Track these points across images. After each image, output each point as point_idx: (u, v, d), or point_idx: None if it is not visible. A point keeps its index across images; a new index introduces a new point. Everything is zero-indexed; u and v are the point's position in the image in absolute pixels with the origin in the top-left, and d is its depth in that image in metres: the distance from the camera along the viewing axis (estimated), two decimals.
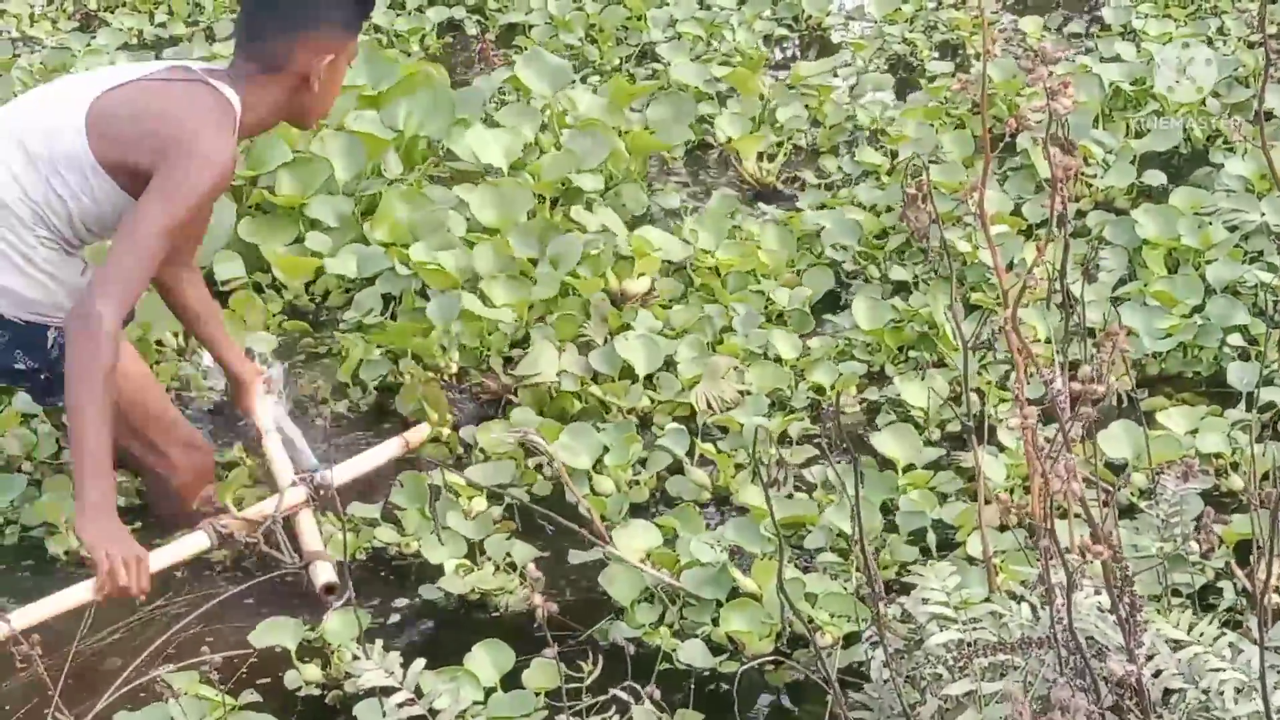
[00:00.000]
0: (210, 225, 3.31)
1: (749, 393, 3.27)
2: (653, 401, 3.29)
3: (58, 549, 2.92)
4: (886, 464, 3.03)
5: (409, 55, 5.63)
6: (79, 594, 2.60)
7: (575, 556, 2.77)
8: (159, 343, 3.60)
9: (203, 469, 3.11)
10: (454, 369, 3.41)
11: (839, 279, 3.87)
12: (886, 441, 3.05)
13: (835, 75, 5.33)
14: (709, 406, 3.25)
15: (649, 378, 3.33)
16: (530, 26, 5.84)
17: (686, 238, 3.89)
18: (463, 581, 2.77)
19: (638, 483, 3.04)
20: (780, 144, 4.71)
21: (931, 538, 2.76)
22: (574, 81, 4.81)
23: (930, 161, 4.25)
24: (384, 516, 2.96)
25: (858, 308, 3.56)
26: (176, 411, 3.08)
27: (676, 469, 3.10)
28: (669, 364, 3.36)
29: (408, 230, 3.70)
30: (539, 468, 3.11)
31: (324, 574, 2.76)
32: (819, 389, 3.36)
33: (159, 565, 2.70)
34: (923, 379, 3.32)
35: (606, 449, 3.04)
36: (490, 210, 3.84)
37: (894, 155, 4.49)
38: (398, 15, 6.03)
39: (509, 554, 2.85)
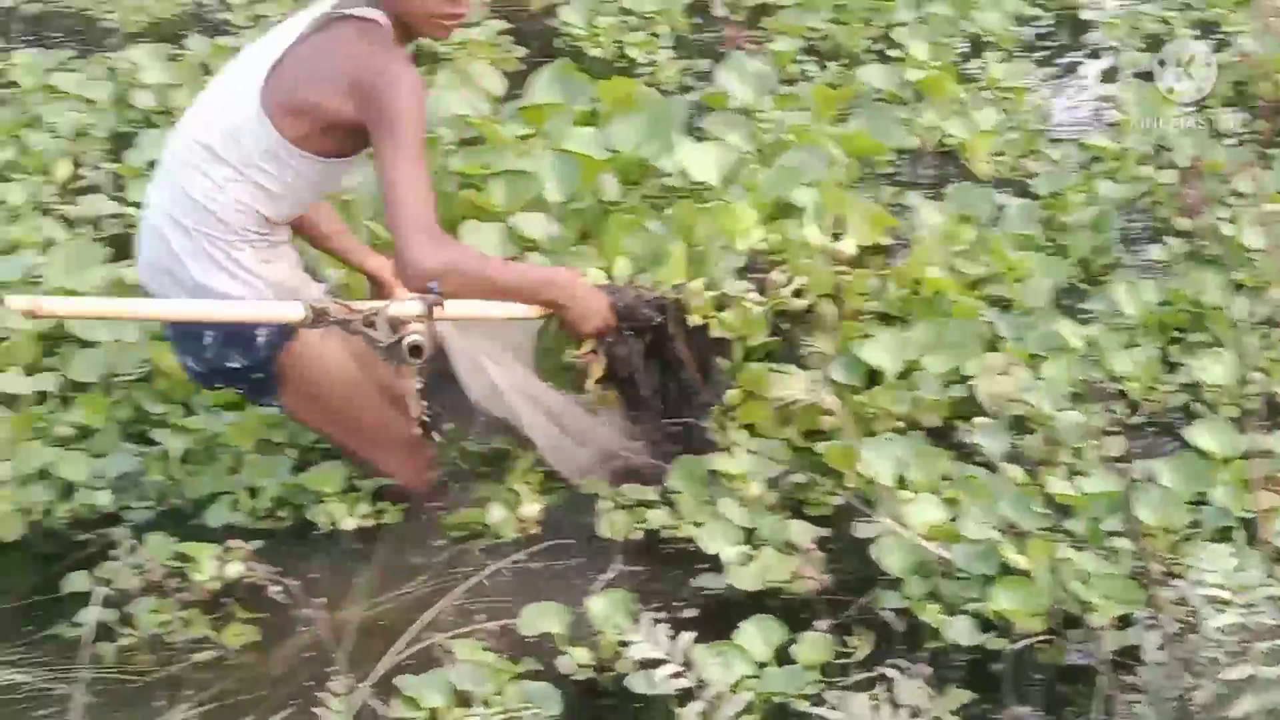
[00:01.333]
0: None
1: (1033, 388, 3.15)
2: (916, 404, 3.18)
3: (325, 520, 3.05)
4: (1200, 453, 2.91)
5: (655, 37, 5.68)
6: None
7: (860, 531, 2.75)
8: None
9: (421, 470, 3.16)
10: None
11: (1088, 268, 3.76)
12: (1200, 434, 2.96)
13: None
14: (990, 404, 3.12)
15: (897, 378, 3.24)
16: (779, 7, 5.81)
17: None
18: (748, 573, 2.74)
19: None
20: (1011, 141, 4.60)
21: (1240, 535, 2.61)
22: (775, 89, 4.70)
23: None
24: (660, 499, 2.98)
25: (1118, 292, 3.44)
26: (393, 413, 3.08)
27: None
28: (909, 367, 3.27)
29: (630, 263, 3.45)
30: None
31: (411, 338, 2.74)
32: (1116, 377, 3.25)
33: (245, 316, 2.83)
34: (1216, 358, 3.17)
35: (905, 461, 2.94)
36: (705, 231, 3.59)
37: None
38: None
39: (787, 537, 2.82)
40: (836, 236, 3.51)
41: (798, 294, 3.26)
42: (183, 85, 5.05)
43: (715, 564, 2.78)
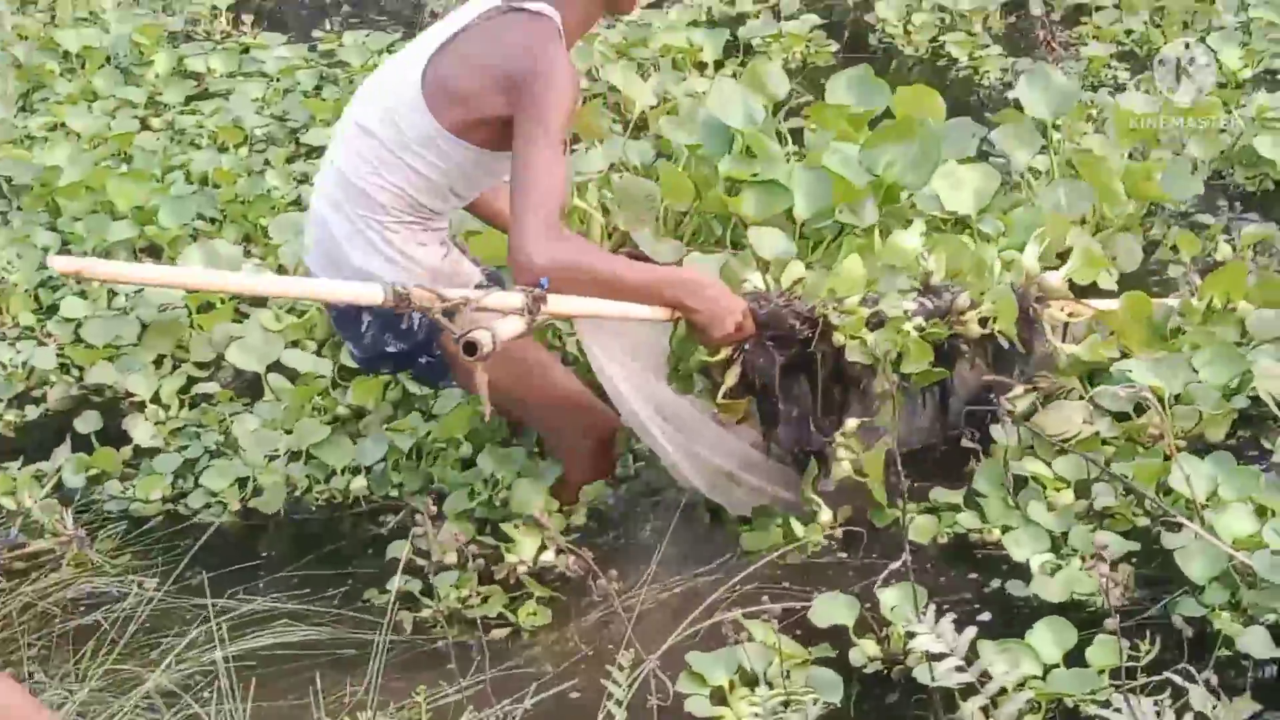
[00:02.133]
0: None
1: None
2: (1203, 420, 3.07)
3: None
4: None
5: (972, 35, 5.67)
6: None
7: (1169, 541, 2.70)
8: None
9: (601, 459, 3.19)
10: None
11: None
12: None
13: None
14: None
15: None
16: (1097, 8, 5.67)
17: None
18: (1054, 582, 2.72)
19: None
20: None
21: None
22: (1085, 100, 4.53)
23: None
24: (965, 502, 2.98)
25: None
26: (578, 385, 3.13)
27: None
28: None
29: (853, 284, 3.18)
30: None
31: (472, 334, 2.58)
32: None
33: (322, 295, 2.97)
34: None
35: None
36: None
37: None
38: None
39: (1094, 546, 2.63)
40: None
41: (982, 321, 3.03)
42: None
43: (1017, 571, 2.80)
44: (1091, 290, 3.44)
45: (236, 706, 2.40)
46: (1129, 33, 5.44)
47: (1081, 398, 3.13)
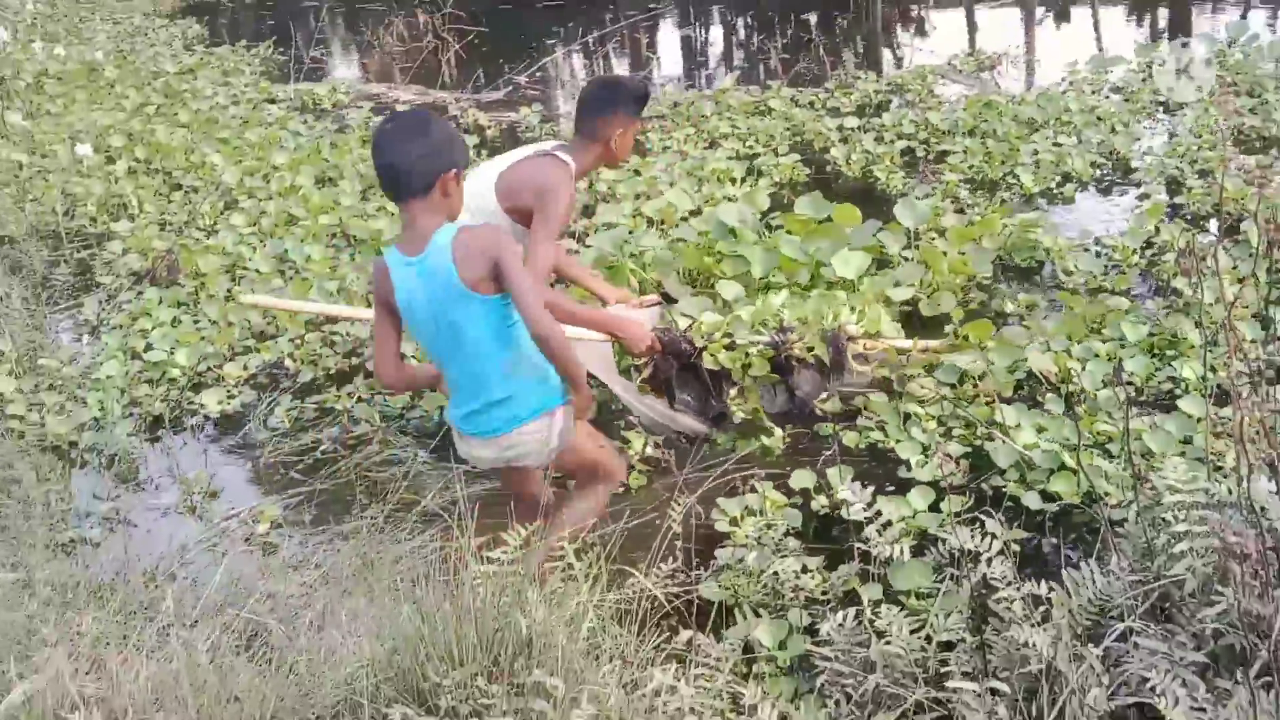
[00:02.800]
0: None
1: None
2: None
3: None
4: None
5: (886, 166, 7.66)
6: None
7: (988, 446, 4.27)
8: None
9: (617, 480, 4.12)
10: None
11: None
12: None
13: None
14: None
15: None
16: (952, 152, 7.75)
17: None
18: (924, 471, 4.19)
19: None
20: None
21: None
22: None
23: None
24: (876, 427, 4.55)
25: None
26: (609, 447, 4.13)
27: None
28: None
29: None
30: None
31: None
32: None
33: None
34: None
35: None
36: None
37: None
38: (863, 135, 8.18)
39: (947, 450, 4.35)
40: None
41: (809, 349, 4.61)
42: None
43: (903, 463, 4.34)
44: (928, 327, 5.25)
45: (469, 522, 3.51)
46: (970, 167, 7.49)
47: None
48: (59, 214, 7.67)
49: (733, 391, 4.57)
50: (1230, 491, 3.32)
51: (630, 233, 6.31)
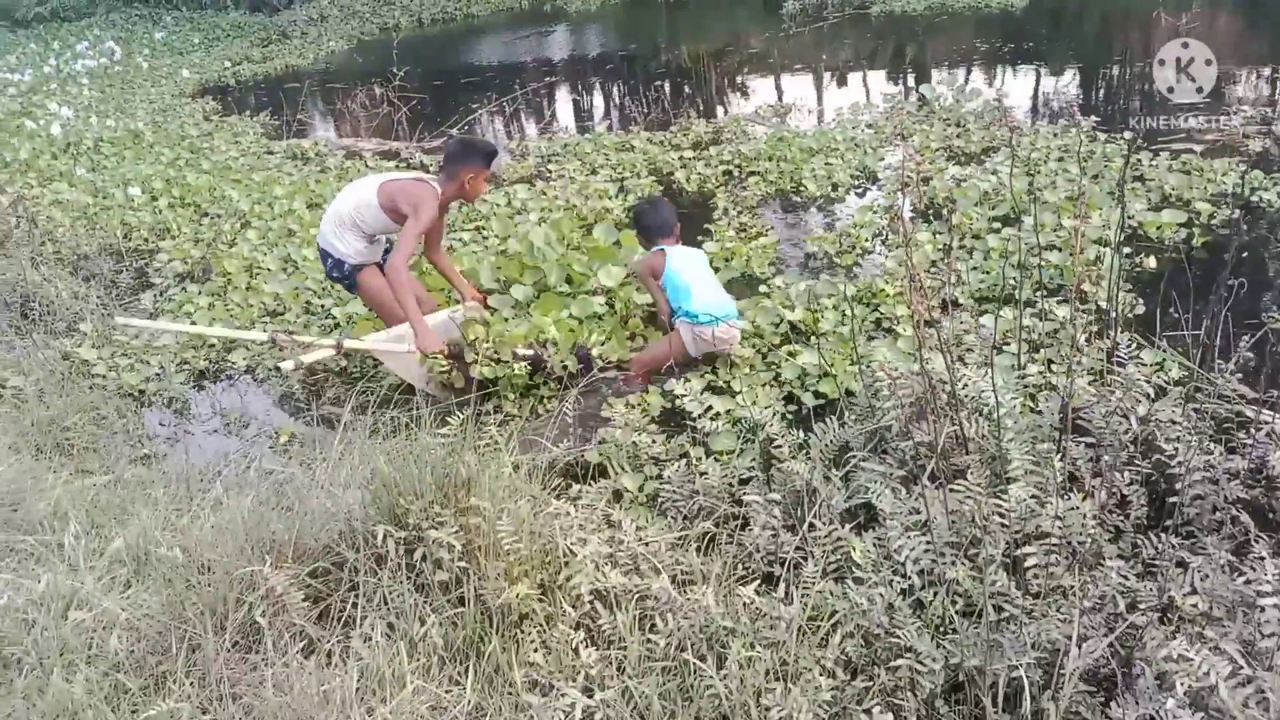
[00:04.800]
0: None
1: None
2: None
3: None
4: None
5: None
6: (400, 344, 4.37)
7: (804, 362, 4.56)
8: None
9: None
10: None
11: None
12: None
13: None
14: None
15: None
16: (755, 172, 7.96)
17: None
18: (745, 397, 4.55)
19: None
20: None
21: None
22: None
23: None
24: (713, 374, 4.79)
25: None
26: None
27: None
28: None
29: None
30: None
31: (284, 364, 4.34)
32: None
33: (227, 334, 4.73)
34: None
35: None
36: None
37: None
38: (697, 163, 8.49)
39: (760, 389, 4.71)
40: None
41: (562, 363, 4.48)
42: None
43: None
44: None
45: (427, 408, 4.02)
46: (770, 181, 7.72)
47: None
48: (119, 237, 7.69)
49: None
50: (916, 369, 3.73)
51: (464, 242, 6.54)
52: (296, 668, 2.49)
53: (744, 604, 2.69)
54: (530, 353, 4.47)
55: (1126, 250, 5.13)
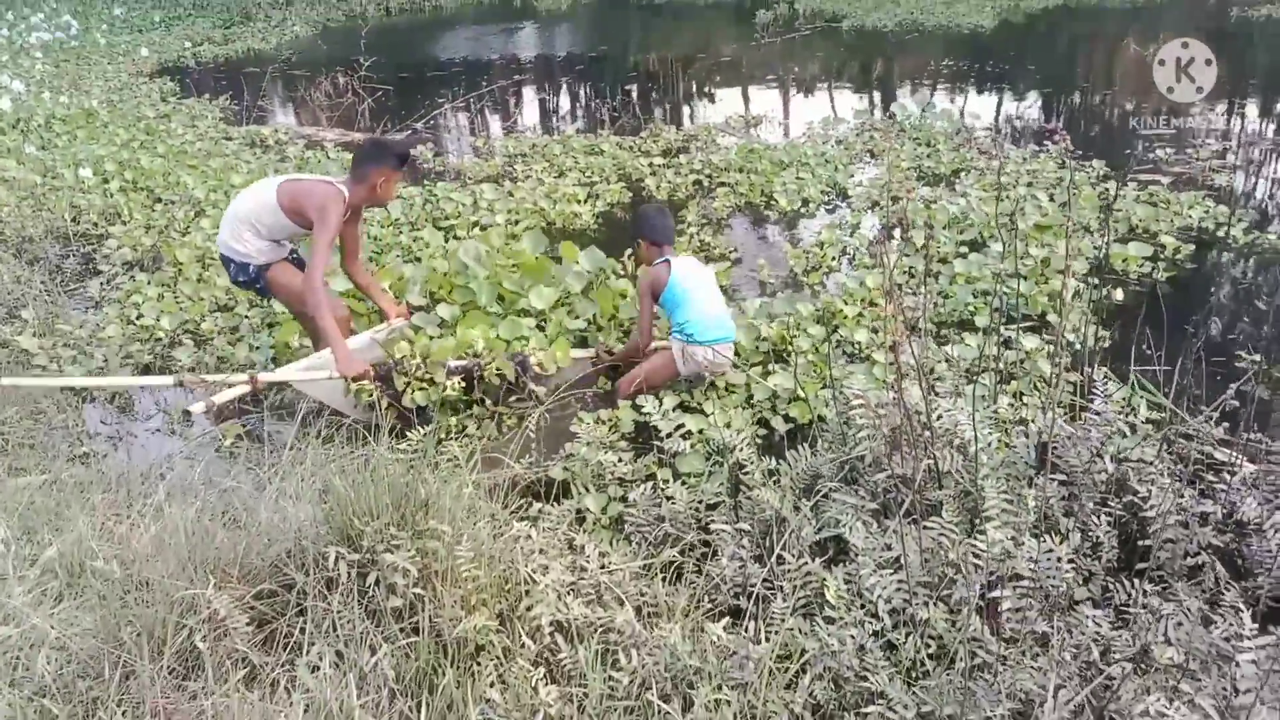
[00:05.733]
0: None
1: None
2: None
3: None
4: None
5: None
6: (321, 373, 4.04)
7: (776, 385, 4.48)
8: None
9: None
10: None
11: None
12: None
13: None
14: None
15: None
16: (722, 183, 8.04)
17: None
18: (718, 417, 4.44)
19: None
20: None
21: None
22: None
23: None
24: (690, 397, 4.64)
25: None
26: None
27: None
28: None
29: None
30: None
31: (193, 407, 3.97)
32: None
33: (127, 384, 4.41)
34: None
35: None
36: None
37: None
38: (667, 170, 8.43)
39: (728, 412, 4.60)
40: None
41: (497, 371, 4.28)
42: None
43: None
44: None
45: (384, 421, 3.88)
46: (739, 194, 7.67)
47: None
48: (67, 220, 7.40)
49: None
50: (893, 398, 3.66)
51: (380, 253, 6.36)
52: (238, 699, 2.35)
53: (711, 642, 2.59)
54: (463, 363, 4.25)
55: (1093, 281, 5.12)
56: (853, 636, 2.61)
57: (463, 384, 4.20)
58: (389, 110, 11.35)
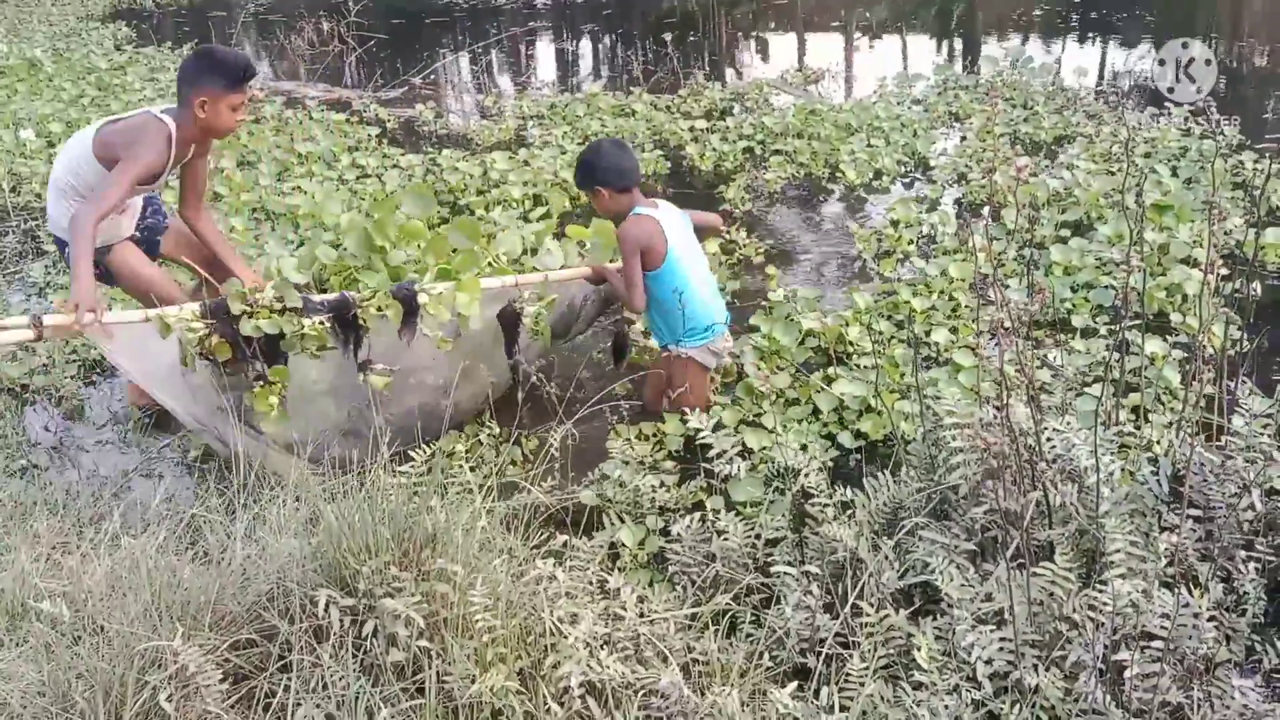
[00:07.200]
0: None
1: None
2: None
3: None
4: None
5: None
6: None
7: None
8: None
9: None
10: None
11: None
12: None
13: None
14: None
15: None
16: (779, 150, 8.29)
17: None
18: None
19: None
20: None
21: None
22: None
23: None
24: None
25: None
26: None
27: None
28: None
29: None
30: None
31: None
32: None
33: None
34: None
35: None
36: None
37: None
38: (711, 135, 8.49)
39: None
40: None
41: (378, 308, 3.89)
42: None
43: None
44: None
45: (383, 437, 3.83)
46: (800, 164, 7.65)
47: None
48: (5, 190, 7.46)
49: None
50: (994, 415, 3.58)
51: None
52: None
53: (777, 711, 2.53)
54: (330, 297, 3.89)
55: (1224, 273, 5.03)
56: (947, 706, 2.55)
57: (328, 323, 3.85)
58: (382, 63, 11.37)
